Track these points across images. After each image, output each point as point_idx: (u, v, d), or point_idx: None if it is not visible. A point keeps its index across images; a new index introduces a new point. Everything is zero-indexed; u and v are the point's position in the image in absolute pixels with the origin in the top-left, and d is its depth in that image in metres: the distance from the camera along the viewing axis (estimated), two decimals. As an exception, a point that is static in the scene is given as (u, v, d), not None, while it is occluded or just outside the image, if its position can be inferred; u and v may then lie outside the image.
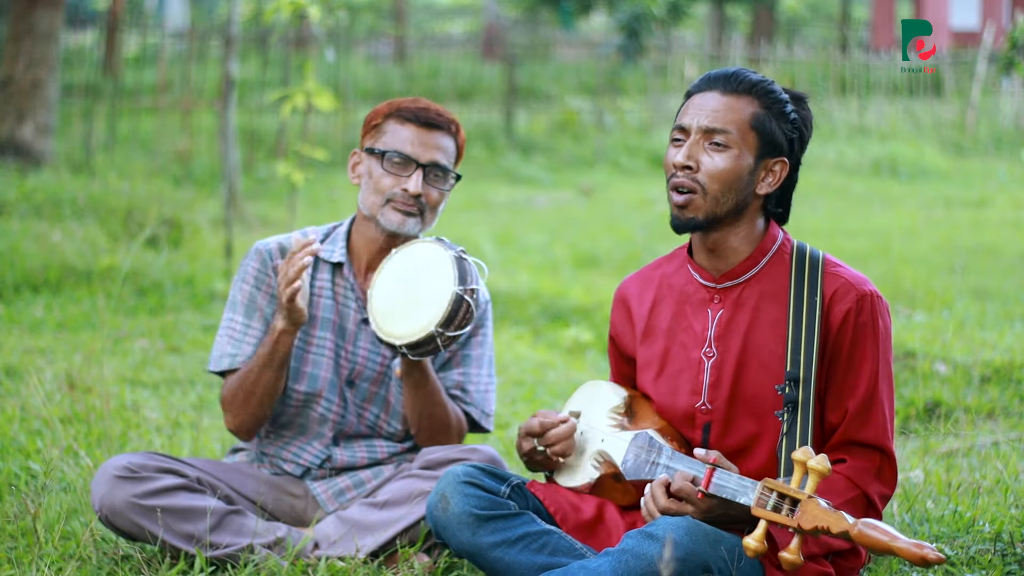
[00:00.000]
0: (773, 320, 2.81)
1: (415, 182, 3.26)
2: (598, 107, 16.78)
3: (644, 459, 2.78)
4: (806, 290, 2.79)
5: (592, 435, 2.92)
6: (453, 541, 2.85)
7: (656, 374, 2.92)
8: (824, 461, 2.44)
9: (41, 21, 10.34)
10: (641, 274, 3.03)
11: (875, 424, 2.77)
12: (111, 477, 3.13)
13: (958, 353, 5.54)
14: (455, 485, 2.84)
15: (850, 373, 2.78)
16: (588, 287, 7.97)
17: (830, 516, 2.43)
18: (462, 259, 3.13)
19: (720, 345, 2.84)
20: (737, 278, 2.85)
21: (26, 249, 7.50)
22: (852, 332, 2.77)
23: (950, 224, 10.74)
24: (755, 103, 2.79)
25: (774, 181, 2.82)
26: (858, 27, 30.91)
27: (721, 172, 2.77)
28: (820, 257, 2.83)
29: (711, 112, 2.78)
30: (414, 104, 3.31)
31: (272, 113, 13.38)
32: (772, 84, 2.83)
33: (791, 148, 2.83)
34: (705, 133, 2.78)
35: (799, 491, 2.46)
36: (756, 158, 2.79)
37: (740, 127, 2.78)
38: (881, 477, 2.78)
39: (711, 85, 2.81)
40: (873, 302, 2.79)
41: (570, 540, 2.82)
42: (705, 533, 2.62)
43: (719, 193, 2.77)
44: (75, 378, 4.97)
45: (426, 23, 34.95)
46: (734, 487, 2.58)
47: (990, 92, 16.33)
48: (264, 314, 3.35)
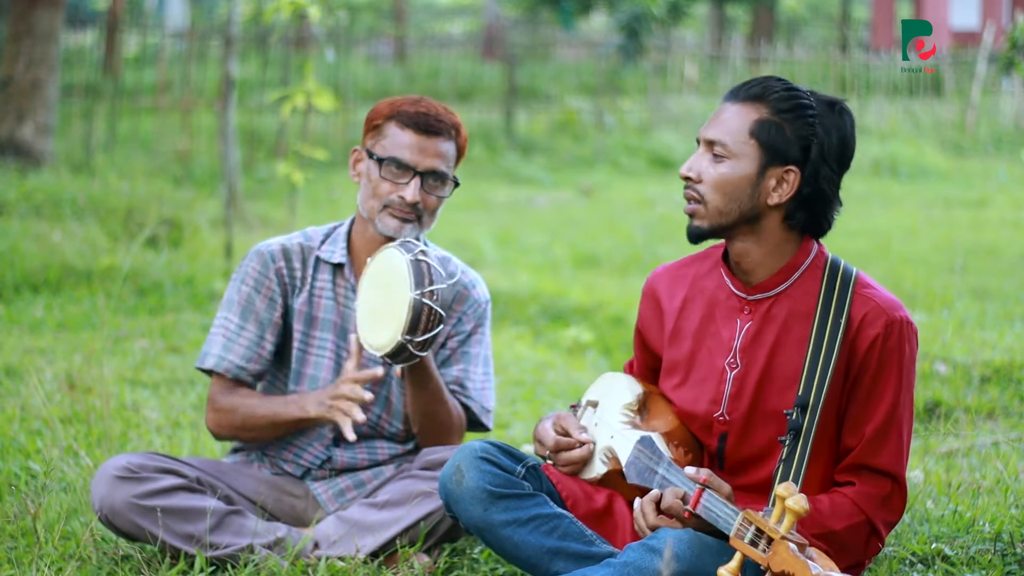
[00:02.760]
0: (799, 338, 2.77)
1: (412, 191, 3.23)
2: (598, 107, 16.78)
3: (644, 464, 2.76)
4: (832, 312, 2.74)
5: (603, 429, 2.91)
6: (464, 515, 2.83)
7: (681, 380, 2.89)
8: (802, 501, 2.41)
9: (41, 21, 10.33)
10: (672, 269, 2.97)
11: (890, 451, 2.74)
12: (111, 477, 3.13)
13: (958, 353, 5.53)
14: (471, 459, 2.82)
15: (872, 398, 2.74)
16: (588, 287, 7.97)
17: (797, 563, 2.40)
18: (419, 261, 3.08)
19: (745, 357, 2.80)
20: (768, 291, 2.80)
21: (26, 249, 7.50)
22: (879, 358, 2.73)
23: (950, 224, 10.74)
24: (762, 110, 2.73)
25: (787, 191, 2.74)
26: (858, 27, 30.92)
27: (718, 182, 2.73)
28: (852, 276, 2.78)
29: (718, 123, 2.75)
30: (415, 107, 3.26)
31: (272, 113, 13.38)
32: (788, 90, 2.74)
33: (806, 156, 2.73)
34: (707, 144, 2.76)
35: (774, 529, 2.45)
36: (760, 167, 2.73)
37: (739, 136, 2.72)
38: (889, 505, 2.75)
39: (731, 96, 2.78)
40: (902, 328, 2.74)
41: (580, 526, 2.81)
42: (707, 546, 2.61)
43: (720, 203, 2.73)
44: (75, 378, 4.97)
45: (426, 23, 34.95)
46: (718, 513, 2.55)
47: (990, 92, 16.33)
48: (260, 317, 3.34)
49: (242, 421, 3.28)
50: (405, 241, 3.16)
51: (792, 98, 2.73)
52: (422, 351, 3.09)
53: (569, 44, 23.34)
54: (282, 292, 3.35)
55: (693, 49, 19.53)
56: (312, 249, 3.38)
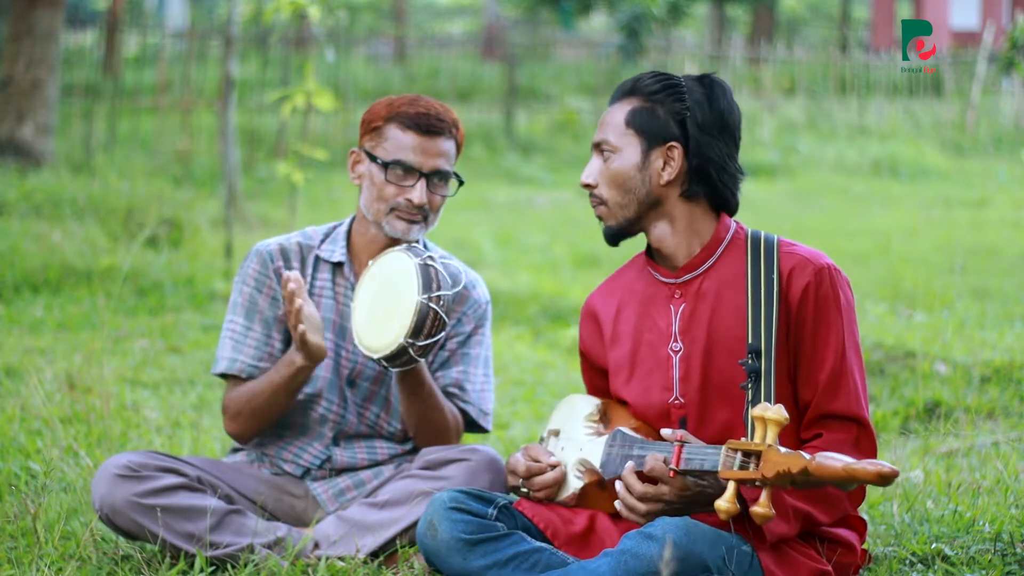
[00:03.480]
0: (734, 307, 2.82)
1: (419, 193, 3.23)
2: (598, 107, 16.78)
3: (619, 454, 2.80)
4: (763, 271, 2.81)
5: (571, 447, 2.94)
6: (445, 567, 2.85)
7: (627, 376, 2.93)
8: (781, 411, 2.47)
9: (41, 21, 10.34)
10: (603, 286, 3.05)
11: (847, 394, 2.78)
12: (111, 476, 3.12)
13: (958, 353, 5.53)
14: (441, 512, 2.85)
15: (817, 346, 2.79)
16: (588, 287, 7.95)
17: (789, 458, 2.46)
18: (427, 266, 3.08)
19: (685, 338, 2.85)
20: (695, 270, 2.87)
21: (26, 249, 7.50)
22: (814, 305, 2.79)
23: (950, 224, 10.74)
24: (633, 102, 2.85)
25: (675, 168, 2.83)
26: (858, 27, 30.92)
27: (610, 178, 2.85)
28: (775, 240, 2.85)
29: (601, 126, 2.89)
30: (414, 108, 3.25)
31: (272, 113, 13.38)
32: (656, 76, 2.86)
33: (684, 131, 2.82)
34: (596, 148, 2.88)
35: (759, 444, 2.50)
36: (643, 152, 2.83)
37: (617, 130, 2.85)
38: (859, 447, 2.78)
39: (610, 100, 2.91)
40: (832, 274, 2.80)
41: (562, 555, 2.82)
42: (704, 533, 2.63)
43: (619, 197, 2.84)
44: (75, 378, 4.97)
45: (426, 23, 34.96)
46: (701, 458, 2.60)
47: (990, 92, 16.33)
48: (265, 316, 3.34)
49: (250, 408, 3.27)
50: (411, 245, 3.16)
51: (659, 81, 2.85)
52: (421, 356, 3.09)
53: (569, 44, 23.34)
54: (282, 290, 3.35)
55: (693, 49, 19.54)
56: (311, 248, 3.38)
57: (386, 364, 3.10)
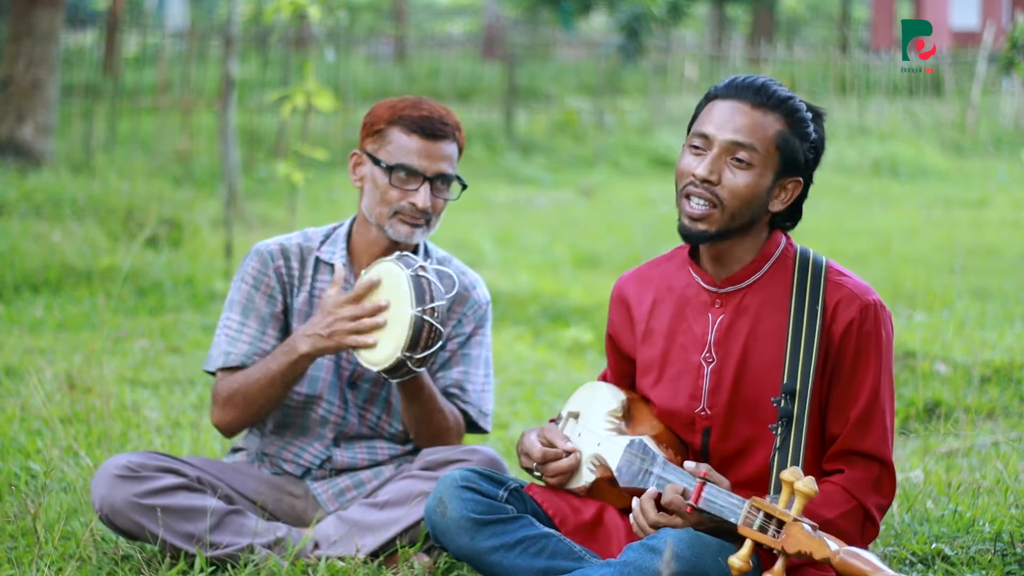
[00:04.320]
0: (774, 328, 2.78)
1: (423, 197, 3.22)
2: (598, 107, 16.79)
3: (638, 467, 2.76)
4: (807, 299, 2.76)
5: (589, 438, 2.91)
6: (452, 545, 2.84)
7: (656, 378, 2.90)
8: (811, 484, 2.43)
9: (41, 21, 10.34)
10: (639, 273, 2.99)
11: (875, 434, 2.75)
12: (111, 476, 3.13)
13: (958, 353, 5.53)
14: (452, 489, 2.84)
15: (852, 384, 2.75)
16: (588, 287, 7.97)
17: (813, 542, 2.42)
18: (419, 277, 3.07)
19: (720, 350, 2.82)
20: (739, 283, 2.82)
21: (26, 249, 7.50)
22: (855, 343, 2.74)
23: (950, 224, 10.74)
24: (781, 120, 2.74)
25: (786, 199, 2.78)
26: (858, 27, 30.93)
27: (742, 190, 2.72)
28: (823, 265, 2.80)
29: (739, 126, 2.72)
30: (417, 112, 3.23)
31: (272, 113, 13.38)
32: (798, 101, 2.77)
33: (807, 167, 2.78)
34: (730, 147, 2.73)
35: (785, 512, 2.45)
36: (775, 176, 2.75)
37: (766, 145, 2.72)
38: (879, 488, 2.76)
39: (739, 95, 2.74)
40: (876, 312, 2.76)
41: (568, 543, 2.82)
42: (707, 545, 2.61)
43: (737, 209, 2.73)
44: (75, 378, 4.97)
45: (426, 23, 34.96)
46: (722, 504, 2.56)
47: (990, 92, 16.33)
48: (261, 314, 3.34)
49: (243, 397, 3.25)
50: (402, 255, 3.15)
51: (799, 109, 2.76)
52: (420, 367, 3.09)
53: (569, 44, 23.34)
54: (281, 290, 3.35)
55: (693, 49, 19.53)
56: (312, 250, 3.38)
57: (386, 376, 3.11)
